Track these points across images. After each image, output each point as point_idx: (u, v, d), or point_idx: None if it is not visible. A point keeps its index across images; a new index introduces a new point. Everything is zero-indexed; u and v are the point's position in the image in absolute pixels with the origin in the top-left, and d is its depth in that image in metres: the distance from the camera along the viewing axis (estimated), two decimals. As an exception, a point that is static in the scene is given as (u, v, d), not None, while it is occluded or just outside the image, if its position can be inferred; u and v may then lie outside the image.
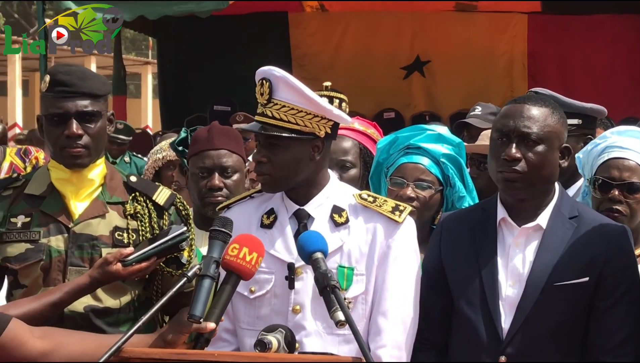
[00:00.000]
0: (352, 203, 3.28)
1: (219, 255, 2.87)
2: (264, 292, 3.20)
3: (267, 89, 3.21)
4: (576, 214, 3.27)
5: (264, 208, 3.31)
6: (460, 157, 3.84)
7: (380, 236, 3.24)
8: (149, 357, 2.66)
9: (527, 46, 13.00)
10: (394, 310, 3.20)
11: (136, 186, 3.59)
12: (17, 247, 3.46)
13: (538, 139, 3.19)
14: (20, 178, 3.61)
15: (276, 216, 3.27)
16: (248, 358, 2.68)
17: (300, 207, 3.26)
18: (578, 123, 4.61)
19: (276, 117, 3.19)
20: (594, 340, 3.18)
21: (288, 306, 3.19)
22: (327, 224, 3.23)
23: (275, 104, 3.20)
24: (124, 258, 3.19)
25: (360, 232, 3.24)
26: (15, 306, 3.20)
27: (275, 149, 3.20)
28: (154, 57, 20.30)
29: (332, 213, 3.25)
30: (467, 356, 3.25)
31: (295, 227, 3.24)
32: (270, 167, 3.20)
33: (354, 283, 3.20)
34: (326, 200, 3.27)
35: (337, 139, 4.32)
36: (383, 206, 3.27)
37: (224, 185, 4.07)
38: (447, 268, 3.34)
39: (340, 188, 3.35)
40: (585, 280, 3.16)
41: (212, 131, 4.20)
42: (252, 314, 3.22)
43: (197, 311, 2.74)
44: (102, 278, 3.23)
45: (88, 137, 3.46)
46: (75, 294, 3.25)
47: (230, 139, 4.22)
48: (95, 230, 3.46)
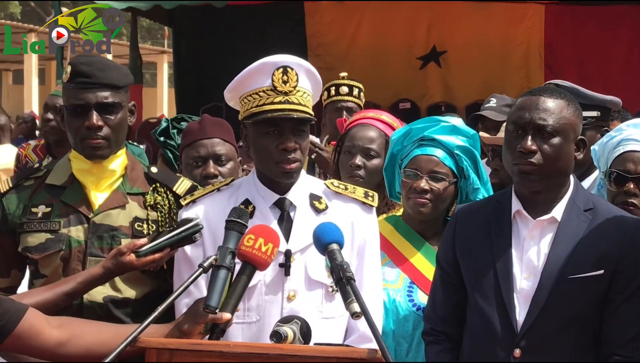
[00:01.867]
0: (325, 191, 3.38)
1: (234, 246, 2.89)
2: (255, 283, 3.19)
3: (294, 76, 3.23)
4: (591, 207, 3.26)
5: (235, 199, 3.32)
6: (474, 149, 3.83)
7: (358, 219, 3.35)
8: (165, 347, 2.67)
9: (543, 36, 12.94)
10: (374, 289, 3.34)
11: (157, 177, 3.60)
12: (38, 237, 3.48)
13: (554, 131, 3.19)
14: (42, 168, 3.64)
15: (254, 206, 3.28)
16: (264, 349, 2.69)
17: (281, 196, 3.29)
18: (597, 115, 4.59)
19: (302, 103, 3.23)
20: (608, 334, 3.17)
21: (282, 293, 3.22)
22: (310, 212, 3.29)
23: (298, 91, 3.23)
24: (138, 249, 3.20)
25: (339, 217, 3.29)
26: (29, 295, 3.22)
27: (300, 135, 3.25)
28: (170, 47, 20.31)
29: (312, 201, 3.31)
30: (481, 349, 3.25)
31: (276, 216, 3.28)
32: (300, 153, 3.25)
33: None
34: (303, 189, 3.33)
35: (364, 127, 4.36)
36: (356, 192, 3.40)
37: (218, 173, 4.12)
38: (461, 260, 3.34)
39: (309, 178, 3.44)
40: (600, 272, 3.16)
41: (204, 122, 4.28)
42: (242, 307, 3.20)
43: (213, 302, 2.76)
44: (115, 269, 3.24)
45: (108, 128, 3.47)
46: (88, 284, 3.27)
47: (222, 128, 4.29)
48: (115, 221, 3.48)
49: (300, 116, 3.21)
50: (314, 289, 3.22)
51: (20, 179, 3.59)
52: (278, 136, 3.22)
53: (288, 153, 3.21)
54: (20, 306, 2.80)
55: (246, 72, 3.28)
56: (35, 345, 2.78)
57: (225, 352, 2.66)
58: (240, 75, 3.30)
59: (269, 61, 3.25)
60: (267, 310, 3.18)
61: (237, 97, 3.33)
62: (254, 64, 3.27)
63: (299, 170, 3.28)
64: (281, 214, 3.28)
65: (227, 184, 3.41)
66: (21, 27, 22.29)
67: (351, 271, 2.78)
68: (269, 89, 3.22)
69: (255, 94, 3.24)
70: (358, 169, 4.27)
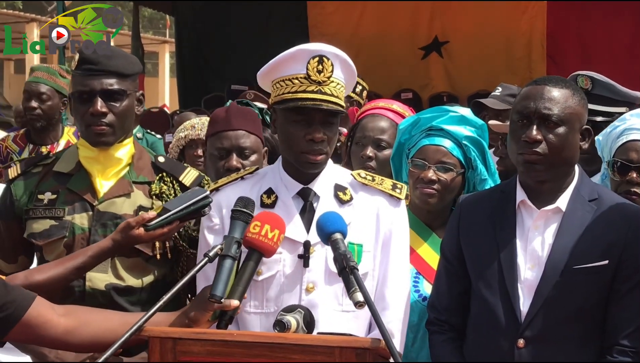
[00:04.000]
0: (352, 182, 3.33)
1: (240, 235, 2.88)
2: (274, 273, 3.19)
3: (329, 66, 3.18)
4: (596, 197, 3.25)
5: (259, 188, 3.30)
6: (482, 139, 3.82)
7: (384, 212, 3.29)
8: (168, 336, 2.67)
9: (546, 26, 12.92)
10: (399, 284, 3.27)
11: (163, 167, 3.60)
12: (42, 223, 3.50)
13: (559, 120, 3.18)
14: (50, 155, 3.65)
15: (277, 195, 3.26)
16: (267, 338, 2.69)
17: (304, 186, 3.26)
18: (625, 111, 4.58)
19: (334, 95, 3.19)
20: (612, 324, 3.17)
21: (301, 285, 3.19)
22: (334, 202, 3.25)
23: (332, 82, 3.19)
24: (147, 223, 3.20)
25: (365, 209, 3.27)
26: (40, 271, 3.24)
27: (330, 127, 3.20)
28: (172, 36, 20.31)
29: (336, 191, 3.27)
30: (485, 338, 3.25)
31: (300, 206, 3.25)
32: (327, 145, 3.21)
33: (364, 259, 3.22)
34: (328, 179, 3.29)
35: (375, 117, 4.35)
36: (383, 184, 3.34)
37: (241, 166, 4.06)
38: (465, 250, 3.34)
39: (337, 167, 3.40)
40: (604, 263, 3.15)
41: (230, 112, 4.19)
42: (260, 297, 3.21)
43: (218, 291, 2.75)
44: (124, 242, 3.24)
45: (113, 115, 3.48)
46: (98, 257, 3.27)
47: (247, 120, 4.21)
48: (120, 209, 3.48)
49: (331, 107, 3.16)
50: (334, 282, 3.15)
51: (29, 166, 3.61)
52: (307, 126, 3.17)
53: (315, 143, 3.17)
54: (27, 294, 2.80)
55: (281, 58, 3.23)
56: (42, 333, 2.78)
57: (229, 341, 2.66)
58: (275, 59, 3.24)
59: (306, 49, 3.21)
60: (285, 300, 3.15)
61: (269, 81, 3.28)
62: (290, 49, 3.22)
63: (324, 162, 3.24)
64: (304, 205, 3.25)
65: (252, 172, 3.38)
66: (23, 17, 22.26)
67: (354, 261, 2.77)
68: (303, 77, 3.18)
69: (289, 80, 3.19)
70: (369, 161, 4.27)
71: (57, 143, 6.45)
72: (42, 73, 6.43)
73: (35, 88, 6.34)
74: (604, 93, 4.43)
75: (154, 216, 3.19)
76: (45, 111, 6.34)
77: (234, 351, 2.64)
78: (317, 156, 3.19)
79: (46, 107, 6.33)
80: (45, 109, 6.33)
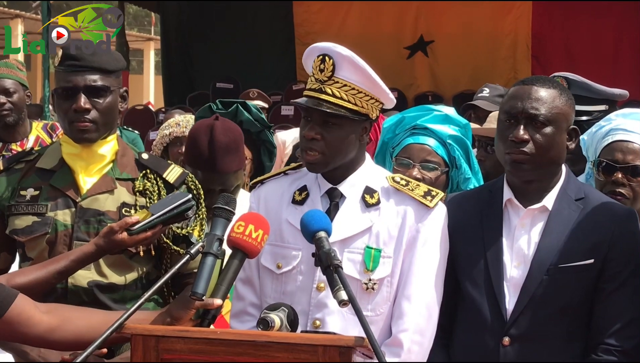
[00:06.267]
0: (384, 186, 3.27)
1: (222, 233, 2.87)
2: (290, 268, 3.21)
3: (330, 66, 3.15)
4: (582, 196, 3.26)
5: (297, 185, 3.30)
6: (466, 138, 3.83)
7: (410, 219, 3.21)
8: (151, 333, 2.65)
9: (531, 27, 12.99)
10: (419, 295, 3.18)
11: (147, 164, 3.58)
12: (25, 220, 3.47)
13: (546, 120, 3.18)
14: (33, 151, 3.63)
15: (308, 193, 3.26)
16: (250, 337, 2.67)
17: (333, 186, 3.25)
18: (605, 109, 4.59)
19: (336, 96, 3.14)
20: (598, 323, 3.18)
21: (313, 283, 3.18)
22: (359, 204, 3.22)
23: (336, 82, 3.15)
24: (130, 227, 3.18)
25: (391, 214, 3.22)
26: (22, 274, 3.21)
27: (329, 127, 3.15)
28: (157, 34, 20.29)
29: (364, 194, 3.23)
30: (472, 337, 3.25)
31: (327, 205, 3.23)
32: (323, 145, 3.16)
33: (380, 264, 3.18)
34: (359, 181, 3.25)
35: None
36: (415, 190, 3.24)
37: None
38: (452, 248, 3.33)
39: (374, 169, 3.34)
40: (590, 261, 3.16)
41: (215, 151, 4.07)
42: (278, 290, 3.22)
43: (200, 289, 2.74)
44: (107, 247, 3.21)
45: (96, 112, 3.45)
46: (81, 262, 3.24)
47: (232, 155, 4.11)
48: (103, 206, 3.46)
49: (329, 108, 3.12)
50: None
51: (12, 163, 3.58)
52: (307, 124, 3.18)
53: (308, 141, 3.16)
54: (9, 291, 2.77)
55: (304, 56, 3.25)
56: (25, 331, 2.76)
57: (212, 339, 2.64)
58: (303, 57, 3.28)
59: (315, 46, 3.21)
60: (298, 297, 3.15)
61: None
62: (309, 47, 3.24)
63: (320, 163, 3.18)
64: (330, 205, 3.23)
65: (295, 168, 3.37)
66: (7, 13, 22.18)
67: (338, 259, 2.76)
68: (312, 75, 3.19)
69: (310, 77, 3.21)
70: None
71: (26, 138, 6.39)
72: (2, 68, 6.38)
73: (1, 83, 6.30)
74: (580, 93, 4.44)
75: (137, 221, 3.18)
76: (15, 103, 6.29)
77: (217, 349, 2.62)
78: (309, 155, 3.17)
79: (15, 100, 6.28)
80: (14, 102, 6.29)
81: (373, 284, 3.17)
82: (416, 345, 3.16)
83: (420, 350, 3.18)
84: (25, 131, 6.39)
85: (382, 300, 3.17)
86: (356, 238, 3.16)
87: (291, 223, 3.20)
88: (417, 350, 3.17)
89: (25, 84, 6.35)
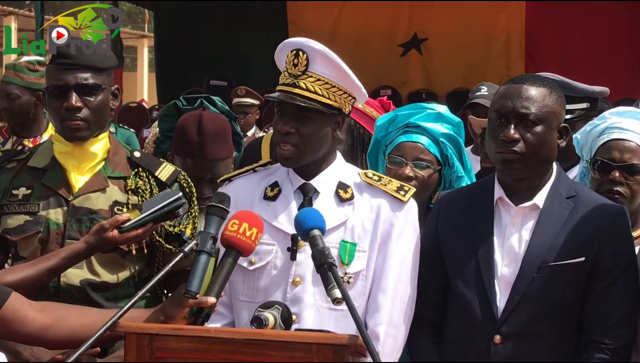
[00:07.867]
0: (357, 181, 3.30)
1: (216, 231, 2.87)
2: (264, 263, 3.21)
3: (304, 60, 3.18)
4: (573, 194, 3.27)
5: (267, 181, 3.31)
6: (459, 136, 3.84)
7: (385, 214, 3.25)
8: (146, 332, 2.65)
9: (524, 25, 12.99)
10: (394, 288, 3.22)
11: (139, 162, 3.59)
12: (17, 219, 3.47)
13: (536, 119, 3.19)
14: (25, 150, 3.63)
15: (280, 189, 3.27)
16: (245, 335, 2.68)
17: (306, 181, 3.26)
18: (586, 107, 4.60)
19: (310, 90, 3.17)
20: (589, 321, 3.19)
21: (288, 278, 3.19)
22: (333, 200, 3.24)
23: (309, 76, 3.18)
24: (120, 225, 3.18)
25: (365, 209, 3.25)
26: (12, 272, 3.20)
27: (304, 121, 3.18)
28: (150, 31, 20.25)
29: (338, 189, 3.26)
30: (462, 335, 3.26)
31: (300, 201, 3.25)
32: (298, 139, 3.18)
33: (356, 258, 3.21)
34: (332, 176, 3.28)
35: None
36: (388, 185, 3.29)
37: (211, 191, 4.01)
38: (443, 246, 3.34)
39: (346, 165, 3.36)
40: (581, 260, 3.17)
41: (204, 137, 4.12)
42: (251, 286, 3.23)
43: (193, 287, 2.74)
44: (98, 245, 3.22)
45: (88, 110, 3.46)
46: (71, 260, 3.25)
47: (221, 142, 4.15)
48: (95, 204, 3.47)
49: (303, 102, 3.15)
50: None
51: (3, 162, 3.58)
52: (281, 118, 3.20)
53: (283, 136, 3.18)
54: (3, 289, 2.77)
55: (276, 52, 3.26)
56: (18, 329, 2.76)
57: (206, 337, 2.64)
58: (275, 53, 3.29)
59: (287, 42, 3.24)
60: (272, 292, 3.17)
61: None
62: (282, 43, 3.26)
63: (294, 156, 3.20)
64: (303, 200, 3.24)
65: (264, 165, 3.39)
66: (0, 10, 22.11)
67: (332, 257, 2.77)
68: (285, 70, 3.21)
69: (284, 72, 3.23)
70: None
71: (40, 136, 6.41)
72: (9, 72, 6.39)
73: (4, 88, 6.30)
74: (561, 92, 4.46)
75: (128, 219, 3.18)
76: (15, 110, 6.31)
77: (211, 347, 2.62)
78: (283, 150, 3.19)
79: (16, 106, 6.28)
80: (14, 108, 6.30)
81: (349, 278, 3.19)
82: (390, 338, 3.20)
83: (394, 344, 3.21)
84: (39, 128, 6.41)
85: (357, 294, 3.19)
86: (331, 232, 3.15)
87: (264, 218, 3.17)
88: (391, 343, 3.20)
89: (33, 86, 6.32)
